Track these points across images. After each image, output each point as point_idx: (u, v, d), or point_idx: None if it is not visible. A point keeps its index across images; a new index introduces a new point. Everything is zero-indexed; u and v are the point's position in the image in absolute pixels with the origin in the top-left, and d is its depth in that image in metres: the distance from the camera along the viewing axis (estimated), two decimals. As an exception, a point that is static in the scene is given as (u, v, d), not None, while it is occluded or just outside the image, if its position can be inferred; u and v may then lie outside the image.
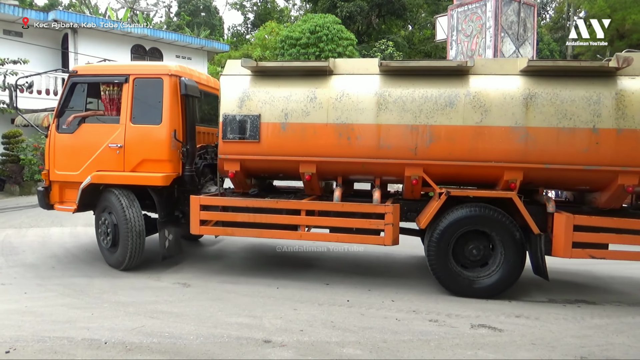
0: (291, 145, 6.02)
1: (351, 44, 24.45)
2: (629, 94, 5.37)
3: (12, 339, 4.05)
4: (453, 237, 5.61)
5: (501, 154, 5.56)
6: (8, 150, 15.26)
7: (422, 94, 5.77)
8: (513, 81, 5.68)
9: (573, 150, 5.41)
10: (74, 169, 6.69)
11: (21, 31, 17.89)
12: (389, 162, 5.86)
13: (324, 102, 5.94)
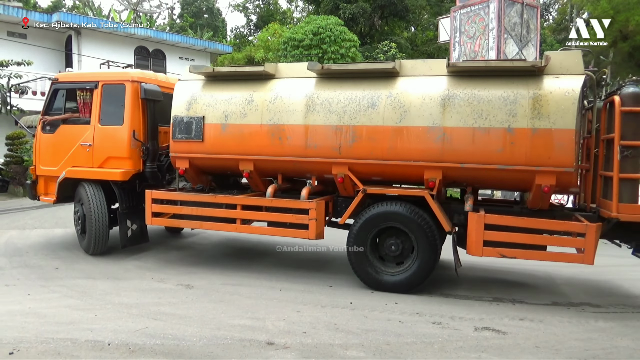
0: (231, 145, 6.47)
1: (354, 46, 24.44)
2: (546, 94, 5.35)
3: (15, 340, 4.05)
4: (371, 232, 5.85)
5: (420, 154, 5.71)
6: (12, 151, 15.30)
7: (347, 96, 6.03)
8: (437, 82, 5.80)
9: (488, 149, 5.45)
10: (54, 164, 7.59)
11: (25, 32, 17.96)
12: (316, 160, 6.16)
13: (260, 105, 6.34)
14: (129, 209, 7.31)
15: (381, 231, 5.90)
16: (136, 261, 7.14)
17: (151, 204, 6.88)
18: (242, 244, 8.47)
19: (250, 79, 6.61)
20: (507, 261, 7.71)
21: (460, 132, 5.53)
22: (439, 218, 5.58)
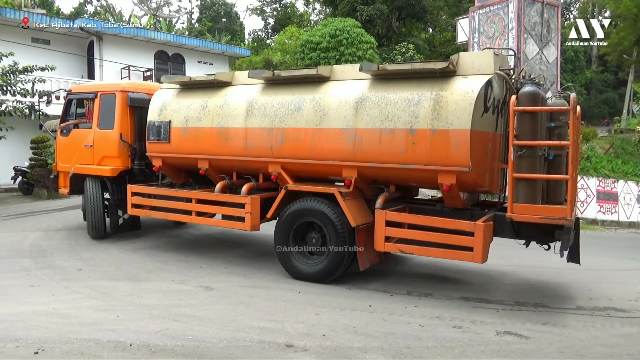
0: (190, 146, 7.27)
1: (371, 48, 24.39)
2: (446, 95, 5.43)
3: (40, 340, 4.14)
4: (292, 226, 6.32)
5: (336, 154, 6.07)
6: (36, 155, 15.64)
7: (279, 101, 6.53)
8: (357, 86, 6.10)
9: (392, 150, 5.67)
10: (68, 162, 8.94)
11: (48, 39, 18.37)
12: (254, 159, 6.75)
13: (212, 110, 7.04)
14: (120, 200, 8.38)
15: (304, 225, 6.32)
16: (157, 263, 7.22)
17: (131, 197, 7.92)
18: (260, 246, 8.51)
19: (209, 86, 7.31)
20: (527, 264, 7.60)
21: (369, 133, 5.81)
22: (346, 214, 5.86)
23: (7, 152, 16.69)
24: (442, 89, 5.51)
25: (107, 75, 18.51)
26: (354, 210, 5.96)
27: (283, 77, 6.62)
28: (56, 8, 33.99)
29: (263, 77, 6.71)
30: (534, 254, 8.80)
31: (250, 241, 8.92)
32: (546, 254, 5.83)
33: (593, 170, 16.27)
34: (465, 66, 5.59)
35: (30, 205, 13.71)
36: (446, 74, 5.59)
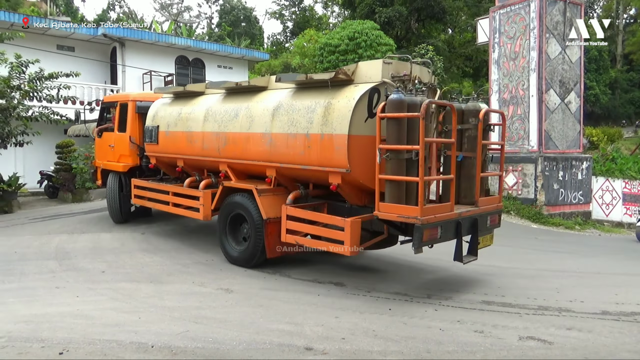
0: (171, 147, 8.58)
1: (390, 50, 24.29)
2: (335, 102, 5.89)
3: (64, 341, 4.22)
4: (228, 217, 7.30)
5: (260, 155, 6.86)
6: (61, 159, 16.00)
7: (225, 109, 7.47)
8: (278, 95, 6.80)
9: (295, 152, 6.29)
10: (101, 159, 10.96)
11: (73, 45, 18.79)
12: (209, 159, 7.83)
13: (183, 117, 8.27)
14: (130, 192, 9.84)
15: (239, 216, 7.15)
16: (178, 265, 7.31)
17: (134, 189, 9.58)
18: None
19: (188, 96, 8.57)
20: (548, 267, 7.45)
21: (281, 137, 6.48)
22: (260, 208, 6.68)
23: (33, 157, 17.14)
24: (333, 97, 5.97)
25: (130, 81, 18.85)
26: (268, 205, 6.73)
27: (231, 88, 7.57)
28: (80, 15, 34.78)
29: (222, 87, 7.81)
30: (556, 257, 8.63)
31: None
32: (566, 258, 5.70)
33: (618, 171, 15.89)
34: (360, 75, 5.99)
35: (55, 208, 14.02)
36: (344, 83, 6.03)
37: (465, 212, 5.91)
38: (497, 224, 6.60)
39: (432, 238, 5.45)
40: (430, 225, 5.31)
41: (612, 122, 34.95)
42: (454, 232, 5.75)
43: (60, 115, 13.86)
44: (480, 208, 6.10)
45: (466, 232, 5.93)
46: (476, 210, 6.05)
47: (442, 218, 5.49)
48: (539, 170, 14.35)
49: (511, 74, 15.50)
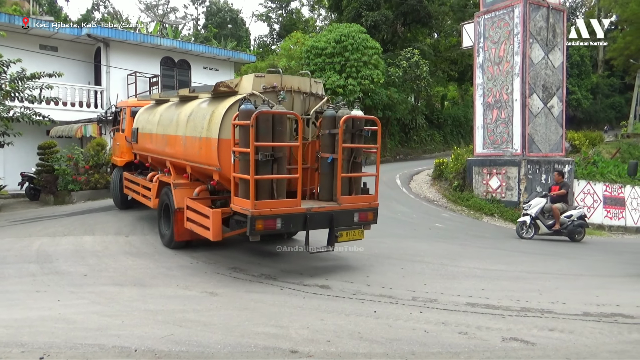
0: (143, 146, 10.14)
1: (376, 53, 24.44)
2: (215, 110, 6.99)
3: (46, 345, 4.15)
4: (162, 206, 8.64)
5: (180, 154, 8.15)
6: (43, 160, 15.75)
7: (169, 114, 8.79)
8: (196, 103, 7.96)
9: (195, 152, 7.54)
10: (113, 156, 13.20)
11: (56, 45, 18.53)
12: (160, 157, 9.26)
13: (150, 120, 9.74)
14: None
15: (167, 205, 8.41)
16: (162, 269, 7.24)
17: (124, 181, 11.51)
18: (266, 253, 8.51)
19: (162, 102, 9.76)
20: (531, 269, 7.55)
21: (189, 139, 7.68)
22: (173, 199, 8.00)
23: (14, 158, 16.84)
24: (217, 106, 7.06)
25: (114, 82, 18.65)
26: (180, 197, 7.91)
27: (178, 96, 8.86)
28: (64, 15, 34.32)
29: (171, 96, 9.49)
30: (539, 259, 8.74)
31: (256, 248, 8.93)
32: (548, 260, 5.78)
33: (599, 175, 16.17)
34: (242, 87, 6.99)
35: (36, 210, 13.80)
36: (228, 94, 7.07)
37: (316, 208, 6.67)
38: (371, 220, 7.11)
39: (268, 228, 6.27)
40: (263, 217, 6.13)
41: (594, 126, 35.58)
42: (302, 224, 6.53)
43: (43, 116, 13.66)
44: (341, 205, 6.79)
45: (319, 225, 6.70)
46: (334, 207, 6.78)
47: (280, 212, 6.24)
48: (522, 173, 14.54)
49: (495, 78, 15.69)
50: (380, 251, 8.69)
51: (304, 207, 6.53)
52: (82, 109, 17.90)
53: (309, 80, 7.33)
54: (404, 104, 28.25)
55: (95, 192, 15.24)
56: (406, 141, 30.86)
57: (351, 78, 23.40)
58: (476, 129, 16.51)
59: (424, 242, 10.02)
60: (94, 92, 18.43)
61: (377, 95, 24.76)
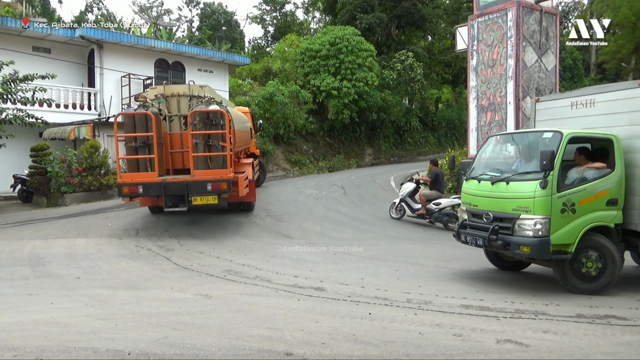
0: None
1: (371, 55, 24.51)
2: None
3: (38, 349, 4.11)
4: None
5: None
6: (36, 162, 15.63)
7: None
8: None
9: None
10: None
11: (49, 47, 18.42)
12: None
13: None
14: None
15: None
16: (156, 271, 7.21)
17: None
18: (260, 255, 8.49)
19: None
20: (526, 270, 7.58)
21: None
22: None
23: (6, 160, 16.68)
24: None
25: (108, 84, 18.56)
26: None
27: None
28: (57, 17, 34.16)
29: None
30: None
31: (251, 249, 8.91)
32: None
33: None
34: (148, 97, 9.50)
35: (29, 213, 13.69)
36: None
37: (171, 179, 9.15)
38: (225, 189, 9.05)
39: (132, 192, 8.99)
40: (128, 184, 8.95)
41: (586, 129, 35.66)
42: (161, 191, 9.01)
43: (36, 118, 13.57)
44: (194, 177, 9.08)
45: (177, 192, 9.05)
46: (187, 178, 9.14)
47: (140, 181, 8.95)
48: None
49: (489, 81, 15.77)
50: (375, 253, 8.69)
51: (160, 178, 9.04)
52: (75, 111, 17.76)
53: (192, 87, 9.80)
54: (398, 106, 28.34)
55: (88, 194, 15.15)
56: (400, 143, 30.93)
57: (346, 80, 23.44)
58: (470, 131, 16.56)
59: (418, 244, 10.03)
60: (87, 94, 18.32)
61: (371, 98, 24.82)
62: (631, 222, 6.52)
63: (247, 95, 23.75)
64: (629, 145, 6.53)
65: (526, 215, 6.12)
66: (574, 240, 6.13)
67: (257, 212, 12.37)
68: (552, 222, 6.04)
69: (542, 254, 6.14)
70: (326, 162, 25.11)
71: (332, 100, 23.60)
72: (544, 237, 6.01)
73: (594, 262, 6.27)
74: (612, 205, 6.36)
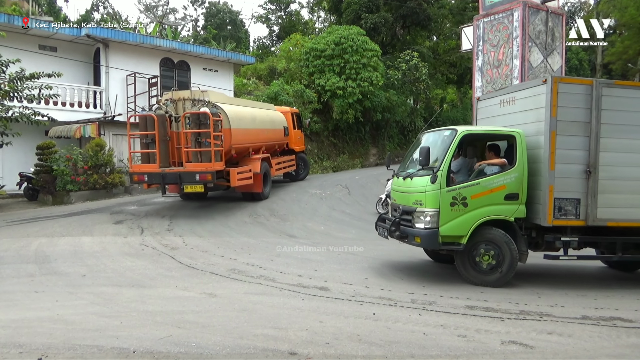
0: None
1: (376, 55, 24.46)
2: None
3: (44, 346, 4.14)
4: None
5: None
6: (42, 161, 15.69)
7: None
8: None
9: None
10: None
11: (55, 46, 18.49)
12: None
13: None
14: None
15: None
16: (161, 269, 7.23)
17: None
18: (264, 254, 8.50)
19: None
20: (531, 272, 7.55)
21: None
22: None
23: (13, 158, 16.78)
24: None
25: (113, 83, 18.62)
26: None
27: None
28: (63, 15, 34.30)
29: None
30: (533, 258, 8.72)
31: (256, 248, 8.92)
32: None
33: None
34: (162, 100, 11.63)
35: (35, 211, 13.76)
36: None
37: (168, 170, 10.93)
38: (209, 179, 10.64)
39: (140, 180, 11.26)
40: (136, 173, 11.21)
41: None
42: (160, 179, 10.97)
43: (42, 116, 13.62)
44: (185, 169, 10.76)
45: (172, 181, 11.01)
46: (180, 169, 10.84)
47: (145, 171, 11.01)
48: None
49: (494, 82, 15.71)
50: (379, 253, 8.69)
51: (160, 169, 10.83)
52: (81, 110, 17.82)
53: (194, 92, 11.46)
54: (403, 106, 28.28)
55: (94, 192, 15.20)
56: (405, 143, 30.84)
57: (350, 80, 23.41)
58: (475, 131, 16.51)
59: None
60: (93, 92, 18.37)
61: (376, 98, 24.77)
62: (536, 216, 6.71)
63: (252, 94, 23.76)
64: (535, 141, 6.73)
65: (420, 208, 6.53)
66: (466, 233, 6.42)
67: (261, 212, 12.38)
68: (441, 214, 6.38)
69: (431, 244, 6.57)
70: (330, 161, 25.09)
71: (337, 100, 23.57)
72: (433, 229, 6.38)
73: (490, 255, 6.55)
74: (512, 200, 6.59)
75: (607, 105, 6.56)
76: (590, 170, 6.54)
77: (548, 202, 6.49)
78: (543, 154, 6.57)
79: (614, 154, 6.58)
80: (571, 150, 6.54)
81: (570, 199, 6.54)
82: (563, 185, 6.53)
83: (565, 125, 6.50)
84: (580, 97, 6.54)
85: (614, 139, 6.59)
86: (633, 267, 7.96)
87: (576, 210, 6.57)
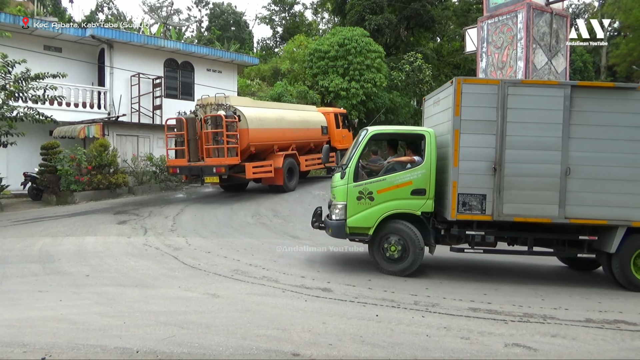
0: None
1: (379, 57, 24.47)
2: None
3: (48, 346, 4.15)
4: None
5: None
6: (46, 161, 15.76)
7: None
8: None
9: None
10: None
11: (60, 46, 18.57)
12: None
13: None
14: None
15: None
16: (164, 269, 7.24)
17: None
18: (268, 254, 8.51)
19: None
20: (535, 275, 7.53)
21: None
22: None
23: (17, 158, 16.85)
24: None
25: (118, 83, 18.69)
26: None
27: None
28: (68, 16, 34.46)
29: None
30: (533, 258, 8.71)
31: (259, 249, 8.93)
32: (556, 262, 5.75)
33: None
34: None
35: (39, 210, 13.81)
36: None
37: (193, 163, 12.93)
38: (223, 172, 12.66)
39: (174, 172, 13.91)
40: (171, 166, 13.69)
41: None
42: (188, 171, 13.29)
43: (46, 116, 13.68)
44: (206, 163, 12.75)
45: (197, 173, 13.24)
46: (201, 164, 12.84)
47: (177, 165, 13.35)
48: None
49: (498, 83, 15.69)
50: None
51: (187, 163, 13.00)
52: (85, 110, 17.88)
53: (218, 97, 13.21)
54: (407, 107, 28.25)
55: (97, 192, 15.25)
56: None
57: (354, 81, 23.42)
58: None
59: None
60: (97, 93, 18.44)
61: (379, 99, 24.78)
62: (445, 210, 6.95)
63: (255, 95, 23.79)
64: (445, 139, 6.99)
65: (334, 202, 7.24)
66: (373, 224, 6.96)
67: (264, 212, 12.40)
68: (348, 207, 7.01)
69: (339, 234, 7.14)
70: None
71: (340, 101, 23.59)
72: (341, 221, 7.03)
73: (396, 246, 7.00)
74: (419, 195, 7.00)
75: (513, 104, 6.67)
76: (496, 167, 6.66)
77: (452, 198, 6.72)
78: (450, 151, 6.77)
79: (519, 151, 6.68)
80: (477, 148, 6.71)
81: (476, 195, 6.72)
82: (468, 181, 6.72)
83: (471, 124, 6.70)
84: (487, 97, 6.68)
85: (519, 136, 6.69)
86: (590, 267, 8.06)
87: (482, 205, 6.73)
